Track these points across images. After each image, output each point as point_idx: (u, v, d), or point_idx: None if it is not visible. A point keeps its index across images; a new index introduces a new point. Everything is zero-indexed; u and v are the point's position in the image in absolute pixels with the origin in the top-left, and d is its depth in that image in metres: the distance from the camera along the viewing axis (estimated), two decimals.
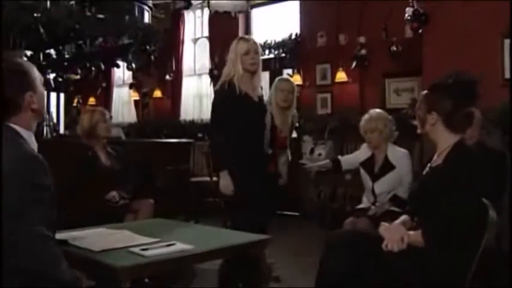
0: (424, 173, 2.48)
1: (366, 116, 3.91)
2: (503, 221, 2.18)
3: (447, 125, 2.32)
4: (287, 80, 4.28)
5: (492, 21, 4.66)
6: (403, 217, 2.52)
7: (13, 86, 1.91)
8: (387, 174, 3.76)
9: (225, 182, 3.37)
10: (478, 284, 2.10)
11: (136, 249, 2.24)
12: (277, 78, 4.32)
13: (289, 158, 4.19)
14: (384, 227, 2.37)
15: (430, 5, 5.14)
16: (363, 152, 3.99)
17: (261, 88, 3.63)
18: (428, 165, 2.46)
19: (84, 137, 4.06)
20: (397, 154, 3.80)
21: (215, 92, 3.64)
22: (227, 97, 3.40)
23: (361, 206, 3.90)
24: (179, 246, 2.31)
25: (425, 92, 2.44)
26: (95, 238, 2.49)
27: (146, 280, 3.17)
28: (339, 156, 4.28)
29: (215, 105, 3.48)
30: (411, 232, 2.31)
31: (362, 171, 3.94)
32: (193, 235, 2.75)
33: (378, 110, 4.00)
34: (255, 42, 3.51)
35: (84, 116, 4.12)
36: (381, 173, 3.80)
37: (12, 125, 1.92)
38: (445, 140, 2.34)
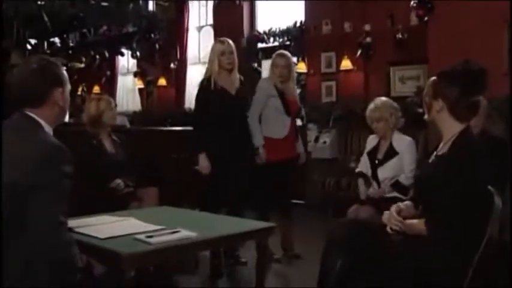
0: (430, 161, 2.46)
1: (371, 106, 3.88)
2: (505, 213, 2.16)
3: (452, 112, 2.31)
4: (281, 55, 4.32)
5: (498, 9, 4.62)
6: (406, 202, 2.53)
7: (40, 79, 1.99)
8: (390, 160, 3.75)
9: (203, 163, 3.94)
10: (480, 278, 2.10)
11: (141, 237, 2.25)
12: (274, 53, 4.40)
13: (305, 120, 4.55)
14: (386, 215, 2.38)
15: None
16: (369, 144, 3.98)
17: (241, 81, 4.12)
18: (434, 153, 2.45)
19: (90, 124, 4.06)
20: (402, 141, 3.79)
21: (198, 87, 4.15)
22: (205, 92, 4.00)
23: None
24: (184, 234, 2.32)
25: (433, 78, 2.43)
26: (100, 225, 2.50)
27: (151, 268, 3.18)
28: (358, 170, 4.05)
29: (196, 99, 4.13)
30: (415, 220, 2.31)
31: (366, 159, 3.93)
32: (198, 222, 2.76)
33: (382, 99, 3.96)
34: (229, 44, 4.03)
35: (91, 103, 4.12)
36: (384, 158, 3.79)
37: (32, 115, 1.97)
38: (450, 128, 2.33)
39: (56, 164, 1.85)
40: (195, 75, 9.45)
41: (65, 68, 2.13)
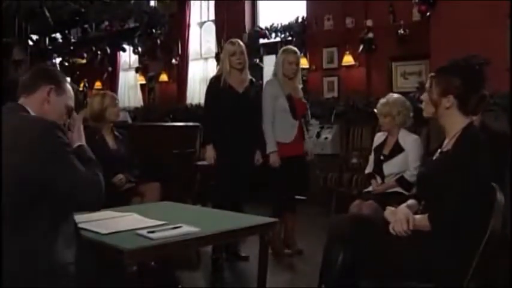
0: (434, 157, 2.45)
1: (383, 100, 3.93)
2: (506, 207, 2.15)
3: (461, 108, 2.29)
4: (295, 53, 4.38)
5: (500, 4, 4.61)
6: (410, 201, 2.52)
7: (36, 74, 2.11)
8: (396, 157, 3.78)
9: (209, 154, 4.17)
10: (482, 273, 2.09)
11: (143, 232, 2.25)
12: (282, 50, 4.42)
13: (309, 118, 4.67)
14: (389, 211, 2.37)
15: None
16: (377, 140, 4.00)
17: (252, 81, 4.31)
18: (439, 150, 2.44)
19: (92, 119, 4.06)
20: (408, 138, 3.82)
21: (208, 84, 4.40)
22: (213, 89, 4.22)
23: (369, 188, 3.90)
24: (186, 229, 2.32)
25: (435, 74, 2.39)
26: (102, 221, 2.50)
27: (152, 263, 3.18)
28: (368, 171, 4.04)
29: (205, 94, 4.34)
30: (417, 216, 2.30)
31: (373, 154, 3.95)
32: (200, 218, 2.76)
33: (395, 95, 3.98)
34: (240, 45, 4.20)
35: (95, 99, 4.13)
36: (390, 155, 3.81)
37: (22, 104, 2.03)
38: (456, 123, 2.31)
39: (56, 132, 1.91)
40: (196, 71, 9.46)
41: (67, 63, 2.18)
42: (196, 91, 9.33)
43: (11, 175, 1.80)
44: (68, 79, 2.26)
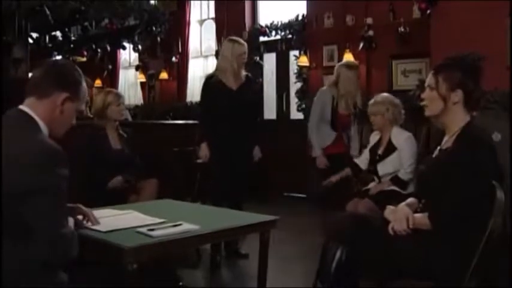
0: (434, 155, 2.45)
1: (371, 101, 3.97)
2: (506, 206, 2.15)
3: (466, 102, 2.30)
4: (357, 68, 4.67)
5: (501, 3, 4.60)
6: (410, 199, 2.52)
7: (51, 76, 1.95)
8: (390, 156, 3.78)
9: (202, 152, 4.20)
10: (482, 272, 2.09)
11: (143, 230, 2.25)
12: (352, 66, 4.66)
13: (354, 131, 4.77)
14: (389, 210, 2.37)
15: None
16: (372, 140, 4.01)
17: (249, 77, 4.31)
18: (438, 148, 2.43)
19: (96, 116, 4.07)
20: (400, 136, 3.81)
21: (203, 83, 4.37)
22: (208, 88, 4.21)
23: (368, 187, 3.91)
24: (186, 227, 2.32)
25: (439, 70, 2.37)
26: (102, 219, 2.50)
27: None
28: (355, 160, 4.21)
29: (201, 92, 4.35)
30: (417, 215, 2.30)
31: (367, 155, 3.96)
32: (200, 216, 2.76)
33: (384, 94, 4.01)
34: (246, 45, 4.25)
35: (98, 96, 4.15)
36: (384, 154, 3.82)
37: (29, 111, 1.89)
38: (458, 121, 2.30)
39: (53, 168, 1.77)
40: (196, 69, 9.45)
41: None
42: (196, 89, 9.31)
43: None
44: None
